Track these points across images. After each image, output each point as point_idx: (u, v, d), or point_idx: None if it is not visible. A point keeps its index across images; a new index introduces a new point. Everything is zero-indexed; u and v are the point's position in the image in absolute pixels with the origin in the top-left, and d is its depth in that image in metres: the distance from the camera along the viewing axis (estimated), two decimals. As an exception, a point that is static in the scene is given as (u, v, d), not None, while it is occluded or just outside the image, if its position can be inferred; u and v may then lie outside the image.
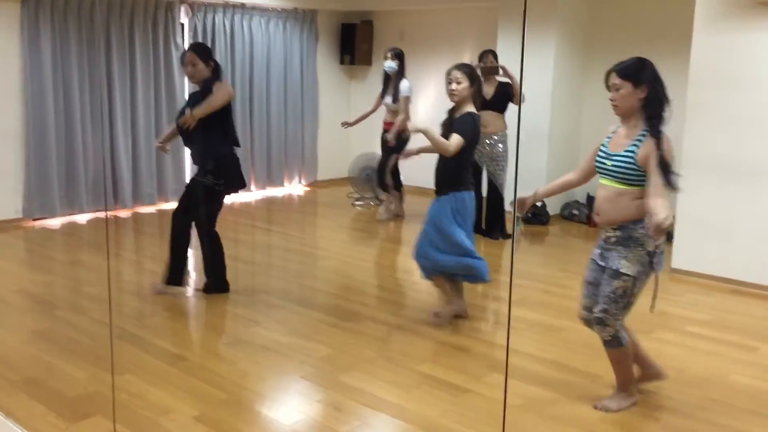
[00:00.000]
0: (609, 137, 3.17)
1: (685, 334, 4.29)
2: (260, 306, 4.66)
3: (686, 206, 5.53)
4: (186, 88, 7.87)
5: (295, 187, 9.05)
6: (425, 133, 4.16)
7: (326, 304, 4.69)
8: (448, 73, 4.27)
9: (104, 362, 3.67)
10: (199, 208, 4.65)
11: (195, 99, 4.57)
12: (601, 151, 3.16)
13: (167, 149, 4.97)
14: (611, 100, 3.05)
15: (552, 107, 7.21)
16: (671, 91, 3.14)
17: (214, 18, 7.91)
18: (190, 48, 4.64)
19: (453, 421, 3.15)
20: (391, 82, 6.98)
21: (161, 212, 7.43)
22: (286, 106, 8.80)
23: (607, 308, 3.09)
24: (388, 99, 7.01)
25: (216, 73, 4.58)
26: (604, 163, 3.10)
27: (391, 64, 6.88)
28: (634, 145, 3.01)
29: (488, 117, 6.41)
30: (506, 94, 6.33)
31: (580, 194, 7.63)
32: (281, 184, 8.90)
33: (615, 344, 3.16)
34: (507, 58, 6.93)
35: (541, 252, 6.43)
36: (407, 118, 6.78)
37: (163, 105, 7.59)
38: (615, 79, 3.01)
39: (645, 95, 3.00)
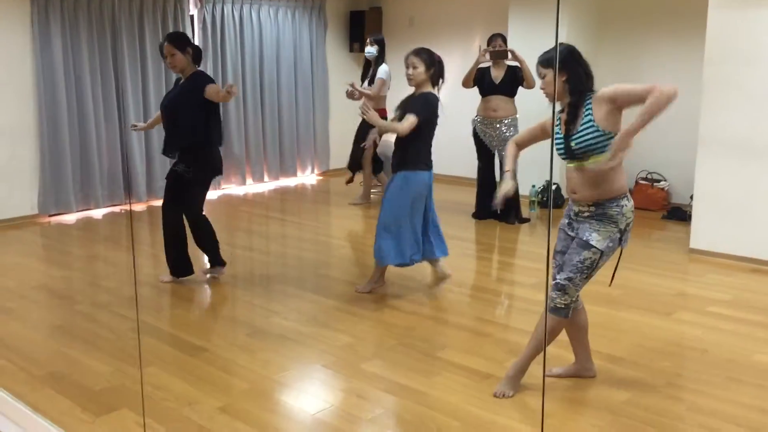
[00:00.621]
0: (558, 124, 3.21)
1: (706, 314, 4.26)
2: (277, 296, 4.66)
3: (703, 185, 5.48)
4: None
5: (307, 177, 9.04)
6: (372, 122, 4.49)
7: (343, 293, 4.69)
8: (406, 59, 4.36)
9: (126, 355, 3.69)
10: (180, 197, 4.72)
11: (179, 86, 4.70)
12: (557, 137, 3.19)
13: (137, 129, 5.30)
14: (541, 88, 3.19)
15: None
16: (687, 69, 3.15)
17: (222, 9, 7.89)
18: (166, 39, 4.69)
19: (476, 406, 3.14)
20: (370, 67, 7.11)
21: (176, 205, 7.44)
22: (296, 96, 8.79)
23: (573, 277, 3.10)
24: (366, 84, 7.09)
25: (197, 59, 4.69)
26: (569, 146, 3.10)
27: (370, 50, 7.01)
28: (588, 114, 3.04)
29: (498, 101, 6.38)
30: (516, 78, 6.28)
31: (594, 176, 7.58)
32: (294, 174, 8.90)
33: (564, 313, 3.15)
34: (518, 41, 6.88)
35: (555, 235, 6.40)
36: (373, 97, 6.88)
37: (175, 97, 7.59)
38: (539, 69, 3.17)
39: (566, 77, 3.10)
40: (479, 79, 6.39)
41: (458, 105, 6.89)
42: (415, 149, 4.38)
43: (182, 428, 2.96)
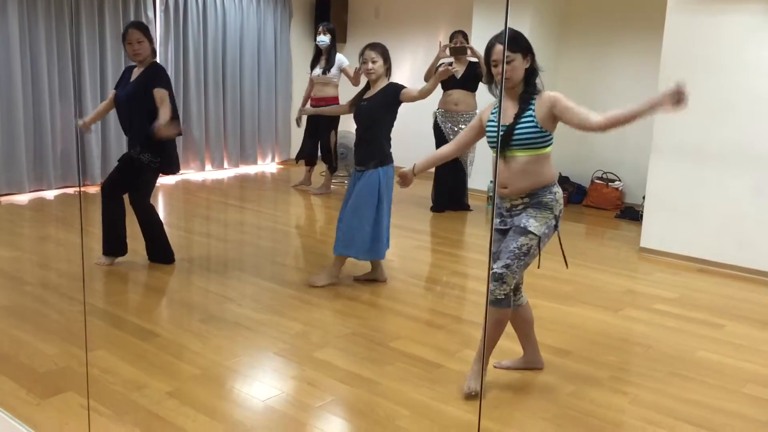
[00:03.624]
0: (494, 111, 3.16)
1: (653, 311, 4.38)
2: (233, 283, 4.64)
3: (655, 187, 5.61)
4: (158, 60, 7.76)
5: (268, 165, 9.00)
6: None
7: (299, 281, 4.69)
8: (362, 54, 4.41)
9: (75, 338, 3.63)
10: (132, 185, 4.68)
11: (139, 76, 4.58)
12: (492, 126, 3.15)
13: (90, 130, 5.03)
14: (506, 74, 3.09)
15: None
16: (645, 72, 3.20)
17: (186, -9, 7.79)
18: (133, 25, 4.64)
19: (427, 396, 3.18)
20: (321, 55, 7.16)
21: (132, 189, 7.36)
22: (259, 83, 8.73)
23: (510, 264, 3.06)
24: (318, 71, 7.10)
25: (154, 49, 4.68)
26: (510, 135, 3.05)
27: (323, 39, 7.07)
28: (530, 110, 3.05)
29: (459, 95, 6.50)
30: (476, 74, 6.41)
31: (552, 174, 7.70)
32: (254, 162, 8.85)
33: (505, 304, 3.10)
34: (482, 36, 6.90)
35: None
36: (358, 82, 6.89)
37: (134, 80, 7.48)
38: (505, 51, 3.06)
39: (529, 65, 3.09)
40: None
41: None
42: (387, 143, 4.48)
43: (129, 412, 2.93)
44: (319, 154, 7.55)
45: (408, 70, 8.39)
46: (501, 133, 3.07)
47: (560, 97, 3.03)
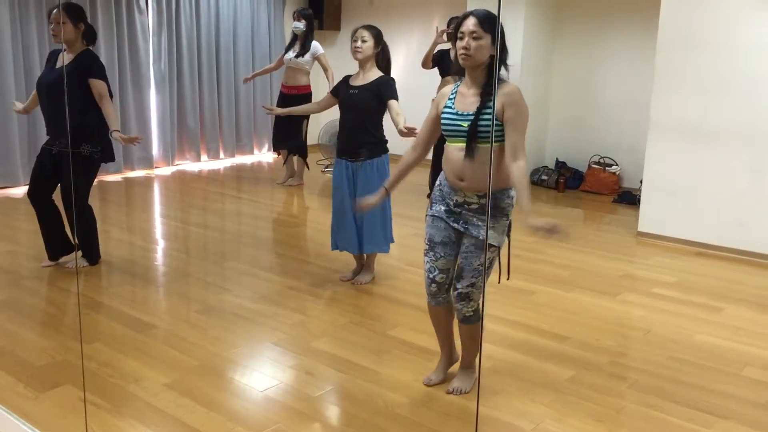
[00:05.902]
0: (452, 98, 2.88)
1: (651, 295, 4.37)
2: (230, 273, 4.63)
3: (653, 170, 5.60)
4: (151, 49, 7.71)
5: (264, 155, 8.97)
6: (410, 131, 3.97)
7: (297, 271, 4.68)
8: (354, 32, 4.22)
9: (72, 331, 3.62)
10: (70, 182, 4.36)
11: (70, 63, 4.27)
12: (449, 114, 2.85)
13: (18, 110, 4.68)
14: (464, 48, 2.73)
15: (521, 74, 7.21)
16: (640, 54, 3.15)
17: (178, -20, 7.73)
18: (60, 6, 4.34)
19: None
20: (297, 40, 7.00)
21: (127, 180, 7.33)
22: (254, 71, 8.67)
23: (475, 282, 2.87)
24: (291, 54, 7.01)
25: (89, 38, 4.35)
26: (461, 125, 2.79)
27: (299, 25, 6.92)
28: (490, 100, 2.76)
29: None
30: None
31: (549, 159, 7.68)
32: (250, 152, 8.82)
33: (475, 319, 2.96)
34: (477, 22, 6.88)
35: (510, 217, 6.46)
36: (332, 72, 6.90)
37: (127, 68, 7.44)
38: (475, 27, 2.71)
39: (501, 48, 2.79)
40: (438, 60, 6.44)
41: (417, 86, 6.90)
42: (382, 129, 4.31)
43: (127, 404, 2.92)
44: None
45: (402, 57, 8.34)
46: (466, 126, 2.78)
47: (516, 108, 2.74)
